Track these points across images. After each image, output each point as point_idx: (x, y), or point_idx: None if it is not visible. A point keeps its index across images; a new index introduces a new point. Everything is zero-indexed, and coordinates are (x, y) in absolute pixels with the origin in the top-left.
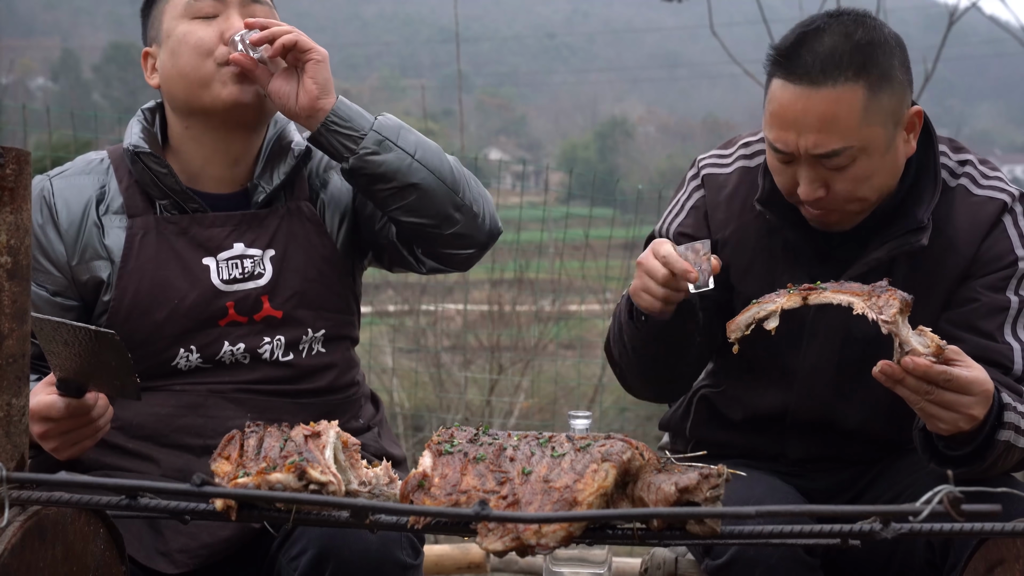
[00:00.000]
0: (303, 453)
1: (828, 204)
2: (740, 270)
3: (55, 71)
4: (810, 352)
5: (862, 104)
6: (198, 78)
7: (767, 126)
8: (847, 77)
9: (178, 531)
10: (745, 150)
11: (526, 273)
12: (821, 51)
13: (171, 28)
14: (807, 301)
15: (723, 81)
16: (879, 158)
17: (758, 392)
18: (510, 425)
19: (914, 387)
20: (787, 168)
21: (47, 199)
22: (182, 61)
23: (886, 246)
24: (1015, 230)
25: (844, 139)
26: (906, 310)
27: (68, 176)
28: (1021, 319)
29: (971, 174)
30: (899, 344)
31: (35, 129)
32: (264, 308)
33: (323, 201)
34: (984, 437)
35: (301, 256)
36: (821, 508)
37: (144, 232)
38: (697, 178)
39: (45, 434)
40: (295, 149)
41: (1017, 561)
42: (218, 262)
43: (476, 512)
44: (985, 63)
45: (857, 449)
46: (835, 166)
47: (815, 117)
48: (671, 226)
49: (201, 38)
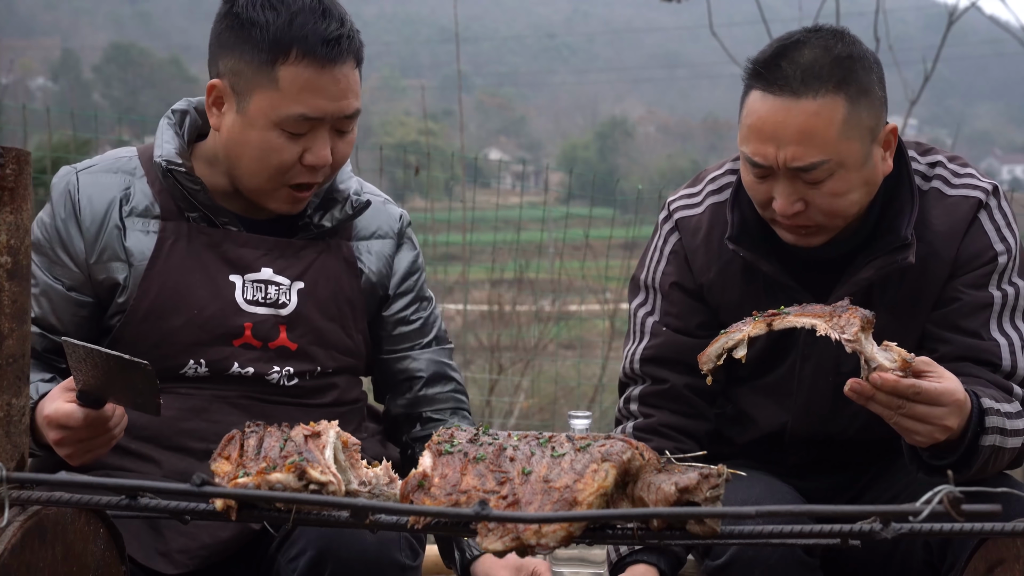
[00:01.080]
0: (303, 453)
1: (805, 220)
2: (730, 309)
3: (55, 71)
4: (805, 373)
5: (842, 117)
6: (260, 186)
7: (744, 140)
8: (828, 89)
9: (178, 531)
10: (713, 185)
11: (526, 273)
12: (802, 63)
13: (258, 119)
14: (772, 327)
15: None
16: (856, 173)
17: (757, 412)
18: (510, 425)
19: (885, 402)
20: (763, 183)
21: (72, 194)
22: (253, 165)
23: (872, 265)
24: (991, 224)
25: (823, 152)
26: (868, 327)
27: (95, 172)
28: (1006, 314)
29: (943, 175)
30: (865, 361)
31: (35, 129)
32: (280, 337)
33: (358, 247)
34: (967, 446)
35: (328, 293)
36: (821, 508)
37: (176, 238)
38: (670, 221)
39: (60, 441)
40: (354, 200)
41: (1017, 561)
42: (244, 281)
43: (476, 512)
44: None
45: (855, 455)
46: (813, 179)
47: (795, 129)
48: (656, 276)
49: (283, 160)
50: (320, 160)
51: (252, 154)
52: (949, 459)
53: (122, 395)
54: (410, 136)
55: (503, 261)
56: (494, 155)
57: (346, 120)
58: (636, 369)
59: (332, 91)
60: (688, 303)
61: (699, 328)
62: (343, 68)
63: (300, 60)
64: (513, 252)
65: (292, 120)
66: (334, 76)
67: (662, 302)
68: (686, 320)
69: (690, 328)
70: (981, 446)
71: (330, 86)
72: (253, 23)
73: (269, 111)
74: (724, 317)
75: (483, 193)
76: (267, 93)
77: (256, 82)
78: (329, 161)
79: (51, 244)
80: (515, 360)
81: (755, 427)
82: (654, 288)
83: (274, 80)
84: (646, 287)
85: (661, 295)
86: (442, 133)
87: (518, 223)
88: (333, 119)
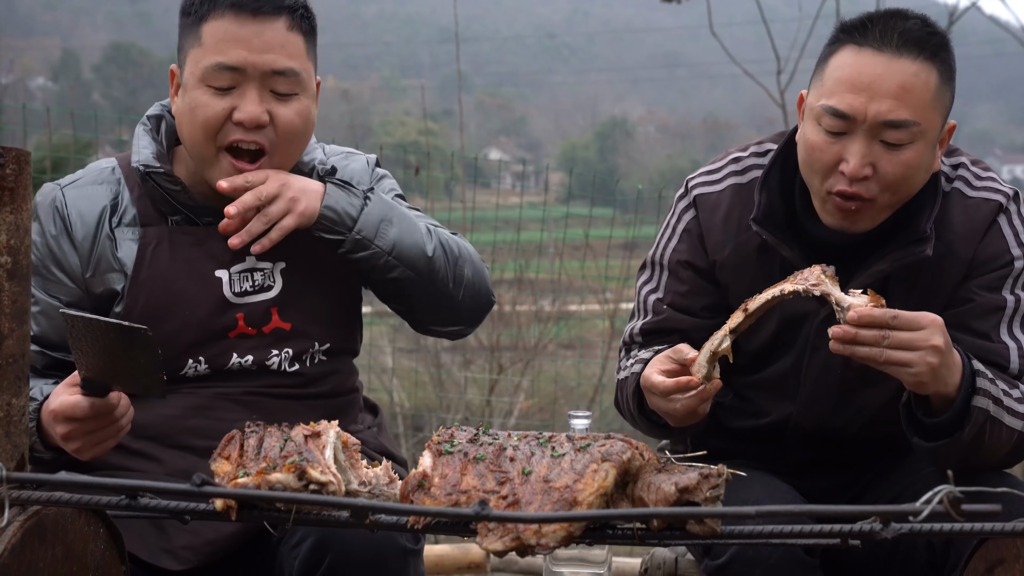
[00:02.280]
0: (303, 453)
1: (865, 189)
2: (740, 291)
3: (55, 71)
4: (812, 366)
5: (935, 86)
6: (200, 155)
7: (829, 93)
8: (926, 57)
9: (182, 528)
10: (736, 166)
11: (526, 273)
12: (903, 28)
13: (188, 80)
14: (747, 310)
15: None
16: (929, 151)
17: (762, 405)
18: (510, 425)
19: (869, 339)
20: (834, 143)
21: (60, 210)
22: (188, 131)
23: (889, 257)
24: (1010, 229)
25: (915, 113)
26: (831, 277)
27: (80, 186)
28: (1017, 318)
29: (965, 177)
30: (836, 304)
31: (35, 129)
32: (273, 320)
33: None
34: (959, 404)
35: (311, 269)
36: (821, 508)
37: (157, 243)
38: (687, 198)
39: (69, 435)
40: (320, 169)
41: (1017, 561)
42: (231, 274)
43: (476, 512)
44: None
45: (857, 453)
46: (895, 140)
47: (895, 83)
48: (665, 253)
49: (208, 117)
50: (248, 116)
51: (186, 119)
52: (943, 417)
53: (127, 378)
54: (410, 136)
55: (503, 261)
56: (494, 155)
57: (277, 78)
58: (636, 340)
59: (254, 43)
60: (697, 282)
61: (704, 310)
62: (271, 23)
63: (223, 14)
64: (513, 252)
65: (212, 71)
66: (258, 29)
67: (668, 279)
68: (692, 300)
69: (695, 309)
70: (973, 406)
71: (252, 38)
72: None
73: (195, 69)
74: (733, 298)
75: (483, 193)
76: (194, 53)
77: (189, 47)
78: (260, 118)
79: (44, 263)
80: (515, 360)
81: (759, 417)
82: (661, 264)
83: (199, 37)
84: (653, 264)
85: (668, 272)
86: (442, 133)
87: (518, 223)
88: (260, 74)
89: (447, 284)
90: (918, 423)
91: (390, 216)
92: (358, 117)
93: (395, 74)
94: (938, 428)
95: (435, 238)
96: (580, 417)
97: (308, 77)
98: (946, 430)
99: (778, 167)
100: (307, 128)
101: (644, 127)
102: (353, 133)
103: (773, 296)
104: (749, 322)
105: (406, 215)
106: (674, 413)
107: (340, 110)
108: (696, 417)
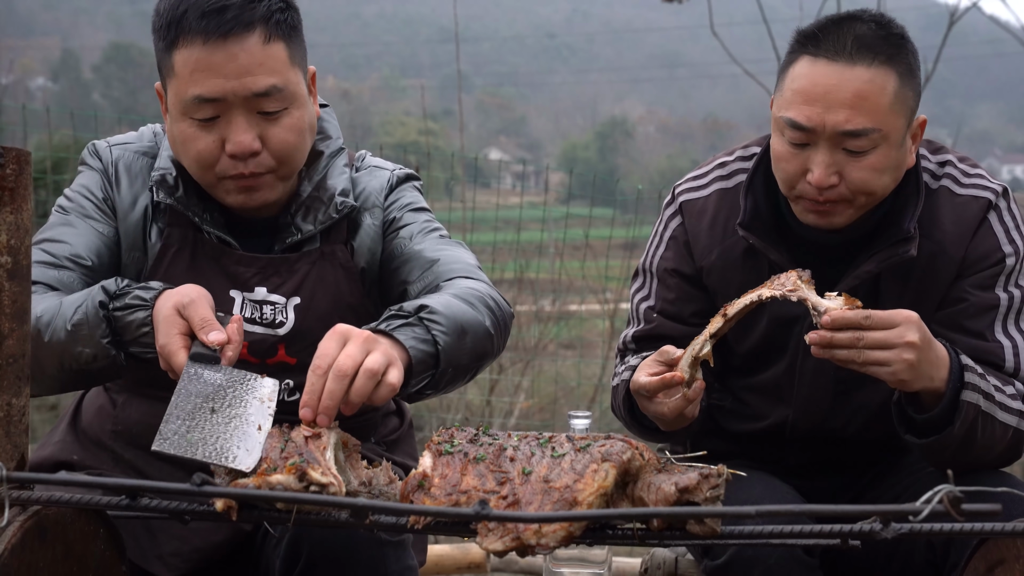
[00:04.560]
0: (303, 454)
1: (836, 195)
2: (728, 296)
3: (55, 71)
4: (806, 369)
5: (893, 89)
6: (202, 182)
7: (788, 105)
8: (881, 61)
9: (171, 535)
10: (722, 170)
11: (526, 273)
12: (857, 33)
13: (172, 109)
14: (726, 314)
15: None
16: (895, 152)
17: (759, 408)
18: (510, 425)
19: (845, 341)
20: (799, 154)
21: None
22: (185, 162)
23: (875, 258)
24: (1000, 226)
25: (873, 120)
26: (807, 282)
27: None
28: (1011, 316)
29: (953, 175)
30: (812, 308)
31: (35, 129)
32: (279, 354)
33: (352, 246)
34: (948, 399)
35: (327, 304)
36: (821, 508)
37: (180, 246)
38: (673, 205)
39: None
40: (339, 202)
41: (1017, 561)
42: (244, 298)
43: (476, 512)
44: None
45: (856, 453)
46: (857, 148)
47: (849, 93)
48: (654, 261)
49: (200, 151)
50: (239, 148)
51: (178, 150)
52: (932, 412)
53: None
54: (410, 136)
55: (503, 261)
56: (494, 155)
57: (262, 99)
58: (630, 347)
59: (230, 68)
60: (684, 290)
61: (693, 316)
62: (244, 41)
63: (192, 40)
64: (513, 252)
65: (192, 104)
66: (231, 52)
67: (657, 287)
68: (681, 307)
69: (684, 316)
70: (962, 401)
71: (226, 63)
72: (156, 14)
73: (176, 101)
74: (721, 303)
75: (483, 193)
76: (172, 82)
77: (166, 75)
78: (252, 147)
79: (91, 199)
80: (515, 360)
81: (757, 421)
82: (651, 272)
83: (172, 66)
84: (644, 272)
85: (657, 280)
86: (442, 133)
87: (518, 223)
88: (240, 99)
89: (488, 354)
90: (909, 420)
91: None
92: (358, 117)
93: (395, 74)
94: (928, 424)
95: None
96: (580, 417)
97: (296, 84)
98: (936, 426)
99: (762, 170)
100: (304, 138)
101: (644, 127)
102: (353, 133)
103: (752, 301)
104: (729, 326)
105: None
106: (663, 416)
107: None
108: (685, 420)
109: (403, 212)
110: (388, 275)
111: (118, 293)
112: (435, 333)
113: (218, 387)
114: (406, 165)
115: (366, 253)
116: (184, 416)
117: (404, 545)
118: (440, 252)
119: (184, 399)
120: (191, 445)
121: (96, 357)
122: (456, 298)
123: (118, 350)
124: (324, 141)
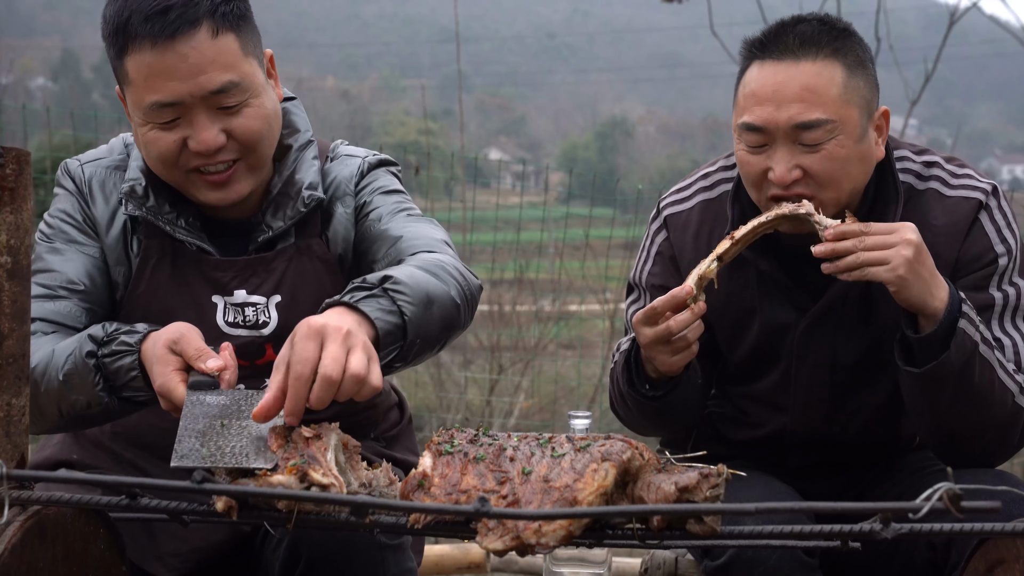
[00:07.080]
0: (304, 455)
1: (802, 189)
2: (717, 306)
3: (55, 71)
4: (801, 376)
5: (841, 80)
6: (171, 180)
7: (742, 110)
8: (826, 54)
9: (170, 535)
10: (705, 181)
11: (526, 273)
12: (800, 31)
13: (133, 114)
14: (734, 238)
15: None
16: (854, 144)
17: (757, 416)
18: (510, 425)
19: (847, 248)
20: (759, 155)
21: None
22: (151, 163)
23: None
24: (992, 226)
25: (825, 110)
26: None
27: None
28: (1007, 314)
29: (940, 176)
30: (817, 223)
31: (35, 129)
32: (267, 354)
33: (327, 237)
34: (945, 320)
35: (310, 299)
36: (821, 506)
37: (159, 256)
38: (658, 220)
39: None
40: (306, 196)
41: (1017, 561)
42: (225, 303)
43: (476, 508)
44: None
45: (856, 456)
46: (812, 141)
47: (797, 87)
48: (642, 276)
49: (163, 152)
50: (203, 146)
51: (144, 152)
52: (929, 331)
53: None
54: (410, 136)
55: (503, 261)
56: (494, 155)
57: (220, 96)
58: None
59: (180, 69)
60: None
61: None
62: (192, 39)
63: (140, 45)
64: (513, 252)
65: (151, 111)
66: (177, 53)
67: (649, 301)
68: None
69: None
70: (959, 328)
71: (178, 65)
72: (104, 21)
73: (134, 107)
74: (711, 316)
75: (483, 193)
76: (128, 89)
77: (122, 81)
78: (216, 143)
79: (71, 223)
80: (515, 360)
81: (756, 428)
82: (642, 287)
83: (127, 74)
84: (637, 286)
85: (648, 295)
86: (442, 133)
87: (518, 223)
88: (198, 99)
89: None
90: (907, 348)
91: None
92: (358, 117)
93: (395, 74)
94: (926, 349)
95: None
96: (580, 417)
97: (252, 75)
98: (934, 352)
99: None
100: (269, 123)
101: (644, 127)
102: (353, 133)
103: (760, 223)
104: (736, 250)
105: (427, 280)
106: (664, 351)
107: (340, 110)
108: (684, 360)
109: (373, 195)
110: (358, 258)
111: (105, 340)
112: (400, 304)
113: (224, 406)
114: (406, 165)
115: (341, 242)
116: (195, 435)
117: (403, 548)
118: (405, 229)
119: (192, 421)
120: (209, 455)
121: (90, 404)
122: (420, 269)
123: (111, 396)
124: (292, 135)
